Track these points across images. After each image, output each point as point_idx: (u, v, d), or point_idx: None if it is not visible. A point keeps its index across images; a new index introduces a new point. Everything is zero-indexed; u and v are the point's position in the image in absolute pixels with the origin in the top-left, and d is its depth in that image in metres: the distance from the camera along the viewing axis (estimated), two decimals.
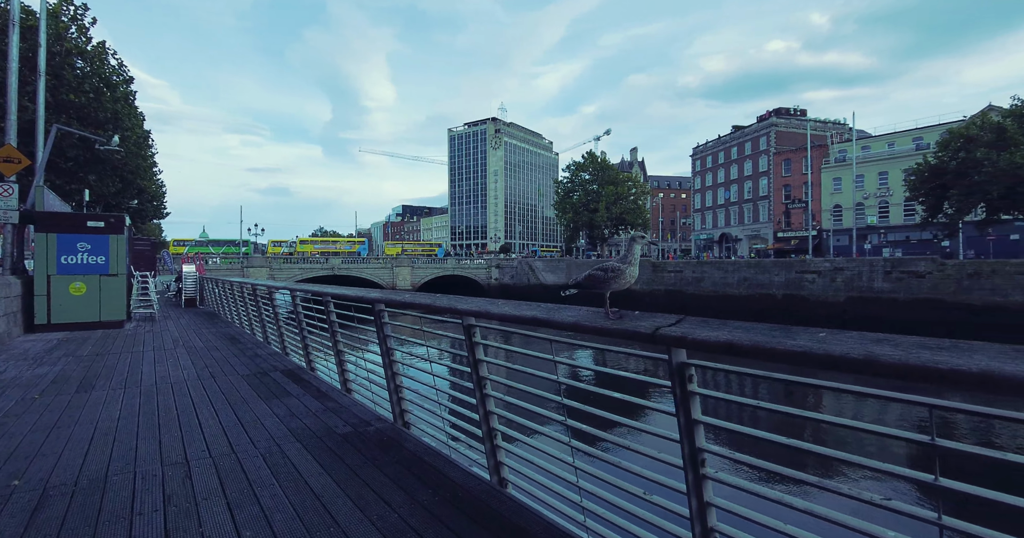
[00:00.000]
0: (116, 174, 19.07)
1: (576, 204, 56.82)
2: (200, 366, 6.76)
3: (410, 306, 3.40)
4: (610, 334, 1.86)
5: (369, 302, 4.04)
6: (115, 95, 17.84)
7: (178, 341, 9.16)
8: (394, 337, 4.10)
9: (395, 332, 4.14)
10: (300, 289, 5.90)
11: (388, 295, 3.88)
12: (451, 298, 3.12)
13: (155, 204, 39.87)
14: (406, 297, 3.64)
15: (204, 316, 13.90)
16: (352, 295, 4.35)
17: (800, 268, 39.39)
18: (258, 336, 9.21)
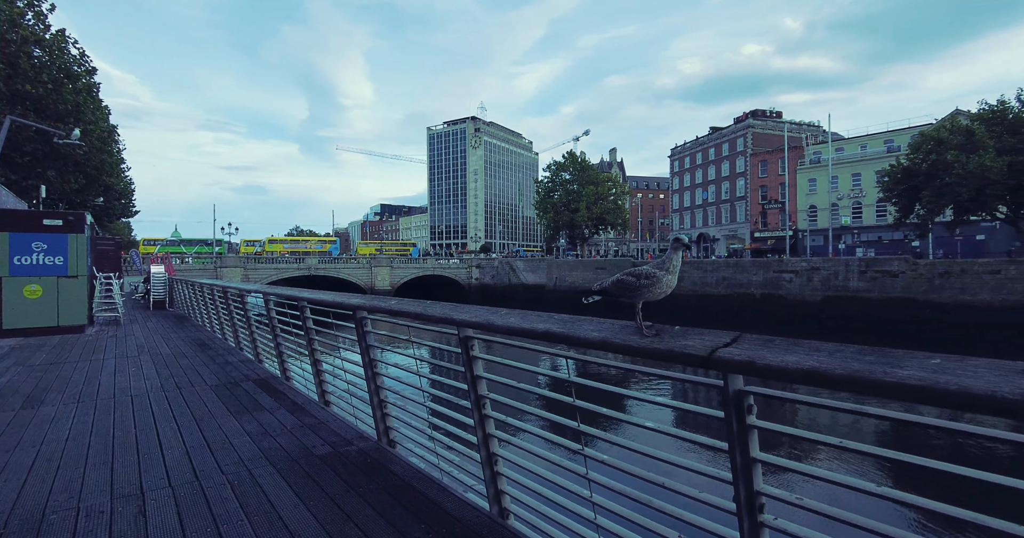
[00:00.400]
0: (79, 170, 18.09)
1: (557, 204, 56.73)
2: (165, 376, 6.27)
3: (398, 314, 3.04)
4: (650, 355, 1.54)
5: (350, 309, 3.67)
6: (76, 86, 16.89)
7: (143, 347, 8.59)
8: (378, 347, 3.73)
9: (379, 341, 3.77)
10: (274, 293, 5.47)
11: (372, 301, 3.51)
12: (445, 306, 2.77)
13: (123, 202, 38.44)
14: (392, 303, 3.27)
15: (173, 319, 13.24)
16: (331, 301, 3.96)
17: (778, 268, 39.92)
18: (230, 341, 8.70)
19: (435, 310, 2.67)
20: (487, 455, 2.62)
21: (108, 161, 23.10)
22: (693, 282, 44.27)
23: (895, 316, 32.50)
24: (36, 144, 15.34)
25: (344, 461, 3.41)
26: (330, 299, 3.94)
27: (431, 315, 2.65)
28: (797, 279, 38.71)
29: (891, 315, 32.72)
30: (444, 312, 2.59)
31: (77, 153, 16.84)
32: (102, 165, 20.82)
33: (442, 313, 2.58)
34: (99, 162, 19.24)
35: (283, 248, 63.56)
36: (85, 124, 16.97)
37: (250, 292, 6.60)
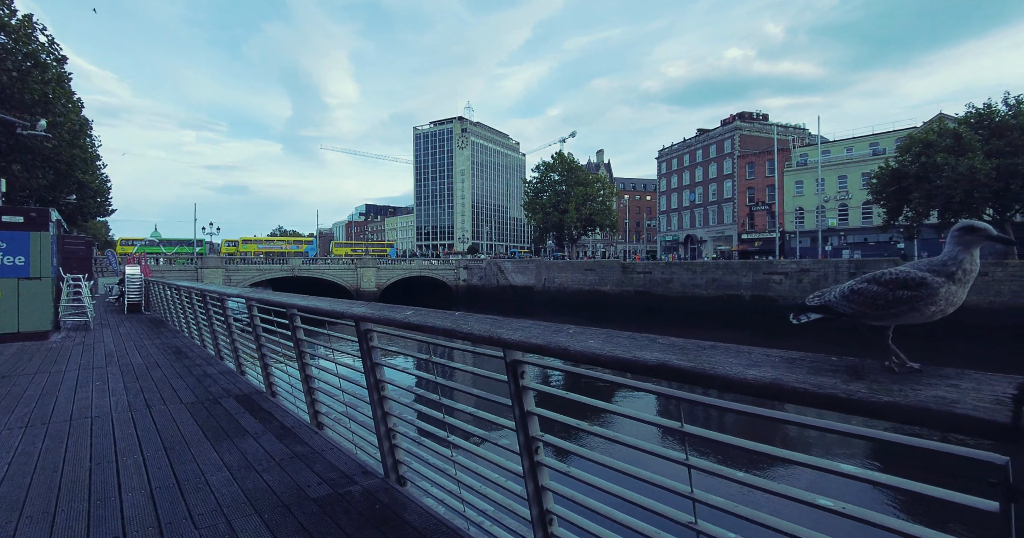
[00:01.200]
0: (47, 165, 17.03)
1: (546, 205, 56.26)
2: (134, 391, 5.55)
3: (420, 328, 2.42)
4: (899, 418, 0.95)
5: (352, 319, 3.03)
6: (45, 76, 15.88)
7: (112, 356, 7.81)
8: (386, 365, 3.11)
9: (387, 358, 3.15)
10: (257, 298, 4.79)
11: (381, 311, 2.89)
12: (484, 320, 2.16)
13: (99, 200, 36.99)
14: (408, 314, 2.66)
15: (149, 324, 12.39)
16: (328, 309, 3.31)
17: (768, 269, 39.91)
18: (209, 349, 7.96)
19: (473, 326, 2.06)
20: (539, 513, 2.02)
21: (81, 157, 21.95)
22: (683, 284, 44.12)
23: None
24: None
25: (346, 506, 2.78)
26: (327, 308, 3.30)
27: (468, 332, 2.03)
28: (787, 281, 38.71)
29: None
30: (486, 329, 1.97)
31: (45, 146, 15.80)
32: (73, 160, 19.69)
33: (484, 331, 1.97)
34: (70, 157, 18.13)
35: (257, 248, 61.71)
36: (54, 116, 15.93)
37: (231, 296, 5.91)
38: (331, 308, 3.35)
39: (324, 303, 3.58)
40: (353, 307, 3.17)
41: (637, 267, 47.35)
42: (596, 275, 49.75)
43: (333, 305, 3.40)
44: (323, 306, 3.50)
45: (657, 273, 45.87)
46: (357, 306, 3.20)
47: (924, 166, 30.85)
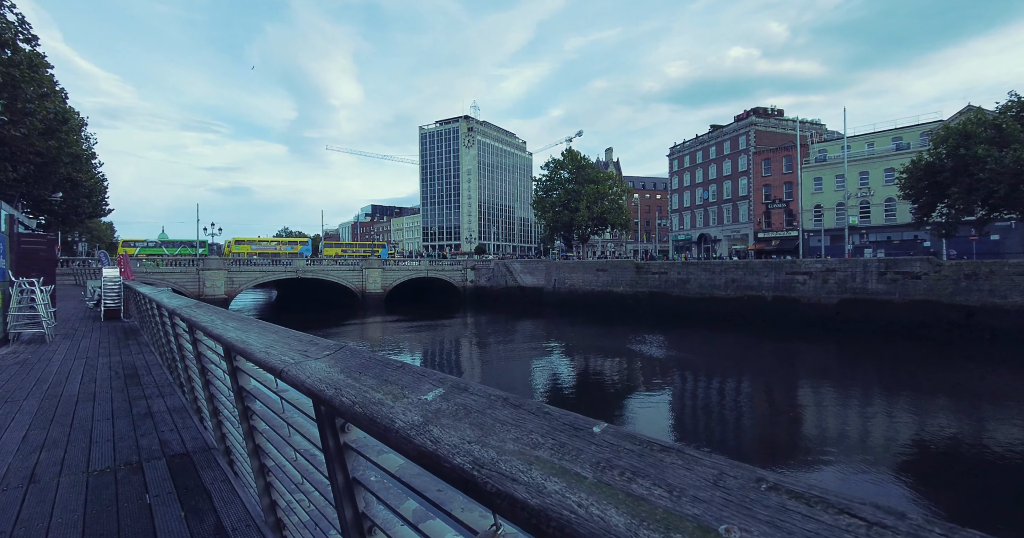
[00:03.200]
0: (20, 158, 15.51)
1: (555, 203, 54.51)
2: (32, 445, 3.93)
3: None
4: None
5: (313, 395, 1.39)
6: (12, 58, 14.34)
7: (45, 382, 6.22)
8: (377, 481, 1.47)
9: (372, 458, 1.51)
10: (198, 322, 3.15)
11: (360, 395, 1.24)
12: None
13: (94, 200, 35.72)
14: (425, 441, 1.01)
15: (120, 334, 10.84)
16: (275, 365, 1.66)
17: (790, 269, 38.06)
18: (168, 375, 6.36)
19: None
20: None
21: (66, 151, 20.48)
22: (700, 285, 42.35)
23: (918, 319, 30.75)
24: None
25: None
26: (276, 362, 1.63)
27: None
28: (811, 281, 36.88)
29: (914, 318, 30.95)
30: None
31: (13, 136, 14.27)
32: (57, 154, 18.17)
33: None
34: (46, 149, 16.60)
35: (250, 249, 59.95)
36: (23, 101, 14.42)
37: (176, 312, 4.27)
38: (282, 365, 1.71)
39: (276, 347, 1.92)
40: (317, 373, 1.54)
41: (652, 267, 45.56)
42: (609, 276, 48.02)
43: (287, 355, 1.76)
44: (270, 356, 1.85)
45: (673, 273, 44.09)
46: (322, 368, 1.56)
47: (963, 159, 28.94)
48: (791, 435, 14.21)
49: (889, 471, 11.22)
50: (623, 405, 17.00)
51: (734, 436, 14.47)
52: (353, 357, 1.35)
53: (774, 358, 26.17)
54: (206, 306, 3.52)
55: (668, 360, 25.23)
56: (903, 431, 14.24)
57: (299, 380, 1.29)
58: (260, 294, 75.15)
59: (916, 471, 11.25)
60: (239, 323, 2.47)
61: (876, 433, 14.18)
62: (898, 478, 10.87)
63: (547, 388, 19.35)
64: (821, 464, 11.58)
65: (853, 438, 13.62)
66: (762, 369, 23.55)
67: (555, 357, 26.50)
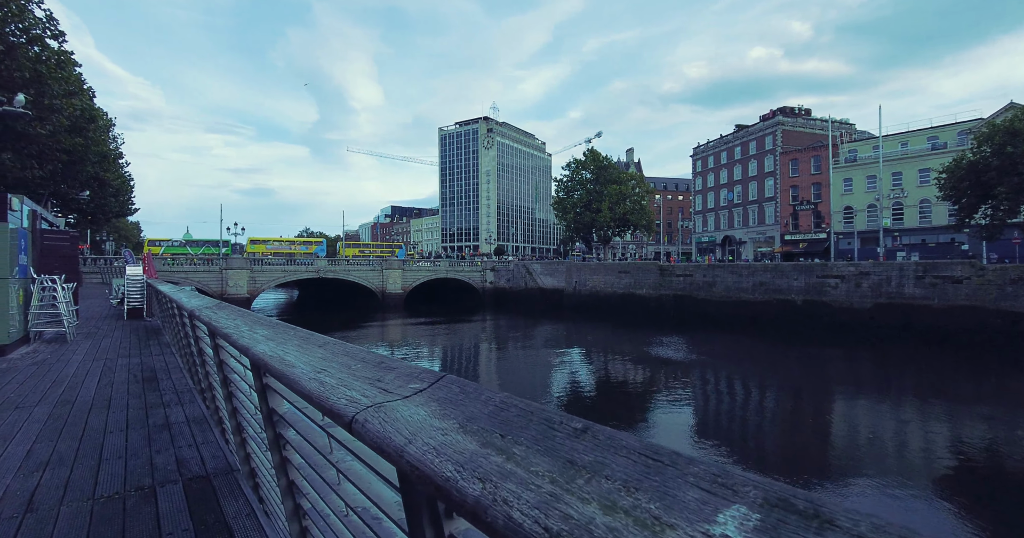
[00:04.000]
0: (46, 155, 15.44)
1: (577, 204, 53.73)
2: (36, 461, 3.49)
3: None
4: None
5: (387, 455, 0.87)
6: (41, 55, 14.26)
7: (60, 385, 5.85)
8: None
9: None
10: (220, 329, 2.67)
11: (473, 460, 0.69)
12: None
13: (120, 199, 36.13)
14: None
15: (142, 334, 10.55)
16: (331, 405, 1.13)
17: (821, 272, 36.85)
18: (188, 379, 5.95)
19: None
20: None
21: (94, 150, 20.51)
22: (727, 287, 41.28)
23: (959, 325, 29.37)
24: None
25: None
26: (338, 402, 1.08)
27: None
28: (844, 284, 35.63)
29: (955, 324, 29.57)
30: None
31: (40, 134, 14.20)
32: (84, 152, 18.13)
33: None
34: (73, 146, 16.53)
35: (266, 248, 60.25)
36: (50, 98, 14.35)
37: (195, 314, 3.81)
38: (336, 407, 1.18)
39: (331, 376, 1.40)
40: (395, 430, 1.00)
41: (676, 269, 44.57)
42: (631, 278, 47.13)
43: (351, 392, 1.24)
44: (326, 389, 1.33)
45: (698, 276, 43.05)
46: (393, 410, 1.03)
47: (1010, 157, 27.54)
48: (821, 447, 13.43)
49: (926, 488, 10.40)
50: (644, 411, 16.38)
51: (760, 446, 13.77)
52: (472, 398, 0.82)
53: (804, 364, 25.17)
54: (229, 308, 3.03)
55: (692, 365, 24.42)
56: (943, 444, 13.33)
57: (387, 442, 0.75)
58: (281, 294, 75.71)
59: (956, 489, 10.40)
60: (270, 330, 1.95)
61: (913, 446, 13.30)
62: (936, 496, 10.06)
63: (566, 393, 18.77)
64: (853, 479, 10.84)
65: (888, 451, 12.78)
66: (791, 375, 22.62)
67: (575, 360, 25.85)
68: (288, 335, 1.78)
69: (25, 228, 9.01)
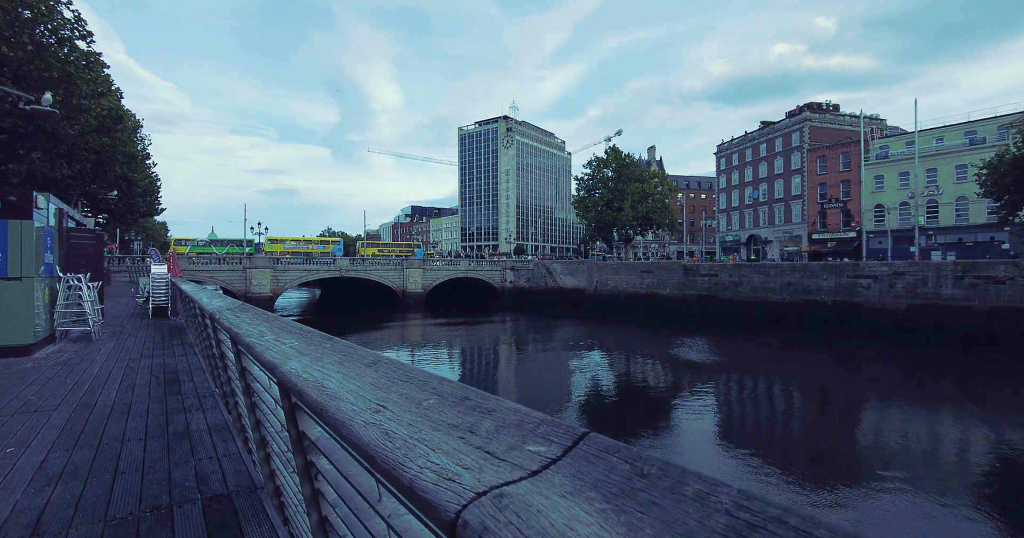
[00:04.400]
0: (75, 154, 15.59)
1: (598, 202, 53.02)
2: (47, 477, 3.24)
3: None
4: None
5: None
6: (69, 55, 14.35)
7: (82, 387, 5.67)
8: None
9: None
10: (243, 338, 2.37)
11: None
12: None
13: (147, 199, 36.71)
14: None
15: (166, 333, 10.46)
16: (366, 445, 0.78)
17: (853, 272, 35.65)
18: (212, 383, 5.72)
19: None
20: None
21: (122, 150, 20.74)
22: (753, 288, 40.27)
23: (1001, 328, 28.10)
24: (15, 119, 12.86)
25: None
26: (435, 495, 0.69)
27: None
28: (876, 285, 34.41)
29: (996, 326, 28.31)
30: None
31: (69, 133, 14.32)
32: (112, 152, 18.30)
33: None
34: (101, 146, 16.68)
35: (283, 247, 60.51)
36: (78, 98, 14.46)
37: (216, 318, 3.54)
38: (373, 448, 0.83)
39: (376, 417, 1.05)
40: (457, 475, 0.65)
41: (701, 269, 43.65)
42: (654, 277, 46.35)
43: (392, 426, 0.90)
44: (373, 433, 0.99)
45: (724, 276, 42.08)
46: None
47: None
48: (852, 453, 12.81)
49: (963, 499, 9.73)
50: (668, 415, 15.87)
51: (788, 451, 13.17)
52: (657, 486, 0.50)
53: (834, 366, 24.30)
54: (252, 310, 2.73)
55: (717, 367, 23.73)
56: (982, 452, 12.56)
57: None
58: (303, 293, 76.48)
59: (994, 501, 9.71)
60: (300, 340, 1.63)
61: (950, 454, 12.57)
62: (973, 508, 9.39)
63: (587, 395, 18.33)
64: (884, 486, 10.26)
65: (923, 459, 12.09)
66: (820, 378, 21.82)
67: (597, 362, 25.35)
68: (324, 347, 1.45)
69: (51, 226, 8.96)
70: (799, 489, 10.12)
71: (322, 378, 1.07)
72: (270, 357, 1.45)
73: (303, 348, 1.46)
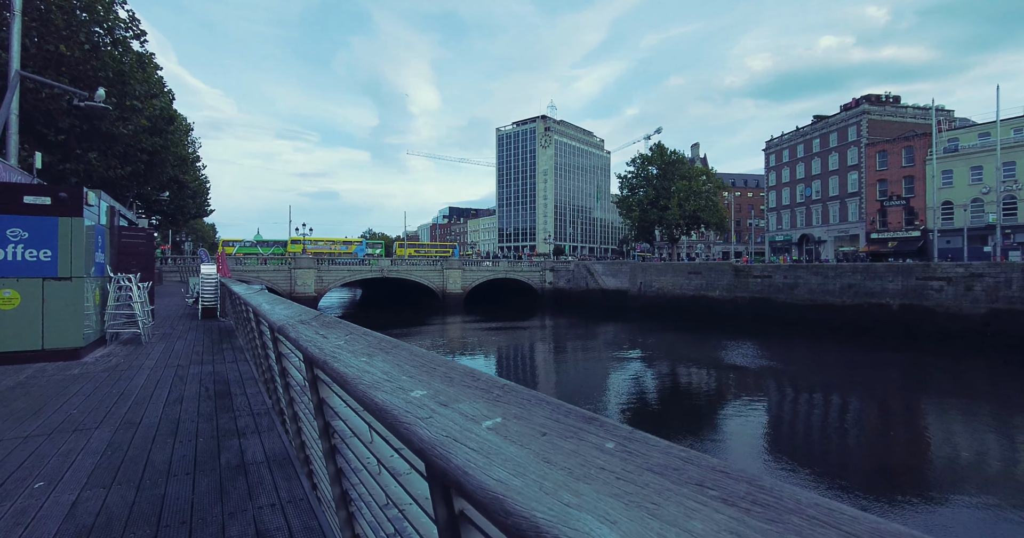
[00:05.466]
0: (133, 156, 15.63)
1: (643, 201, 51.38)
2: (74, 530, 2.60)
3: None
4: None
5: None
6: (123, 54, 14.35)
7: (126, 399, 5.14)
8: None
9: None
10: (310, 350, 1.61)
11: None
12: None
13: (197, 201, 37.56)
14: None
15: (216, 335, 10.07)
16: None
17: (923, 274, 33.14)
18: (265, 396, 5.09)
19: None
20: None
21: (173, 151, 20.95)
22: (810, 290, 38.09)
23: None
24: (73, 119, 12.87)
25: None
26: None
27: None
28: (950, 288, 31.88)
29: None
30: None
31: (123, 133, 14.32)
32: (163, 152, 18.41)
33: None
34: (153, 147, 16.76)
35: (304, 248, 60.05)
36: (132, 98, 14.46)
37: (284, 332, 2.81)
38: None
39: None
40: None
41: (753, 270, 41.64)
42: (703, 279, 44.55)
43: None
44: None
45: (778, 277, 40.00)
46: None
47: None
48: (919, 467, 11.53)
49: None
50: (717, 422, 14.77)
51: (846, 464, 12.00)
52: None
53: (901, 375, 22.45)
54: (339, 325, 1.96)
55: (771, 373, 22.24)
56: None
57: None
58: (345, 292, 77.55)
59: None
60: (423, 370, 0.84)
61: None
62: None
63: (632, 400, 17.34)
64: (957, 508, 9.15)
65: (1002, 475, 10.58)
66: (885, 387, 20.09)
67: (642, 367, 24.16)
68: (476, 385, 0.69)
69: (103, 225, 8.65)
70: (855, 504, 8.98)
71: None
72: (398, 414, 0.68)
73: None
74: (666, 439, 0.60)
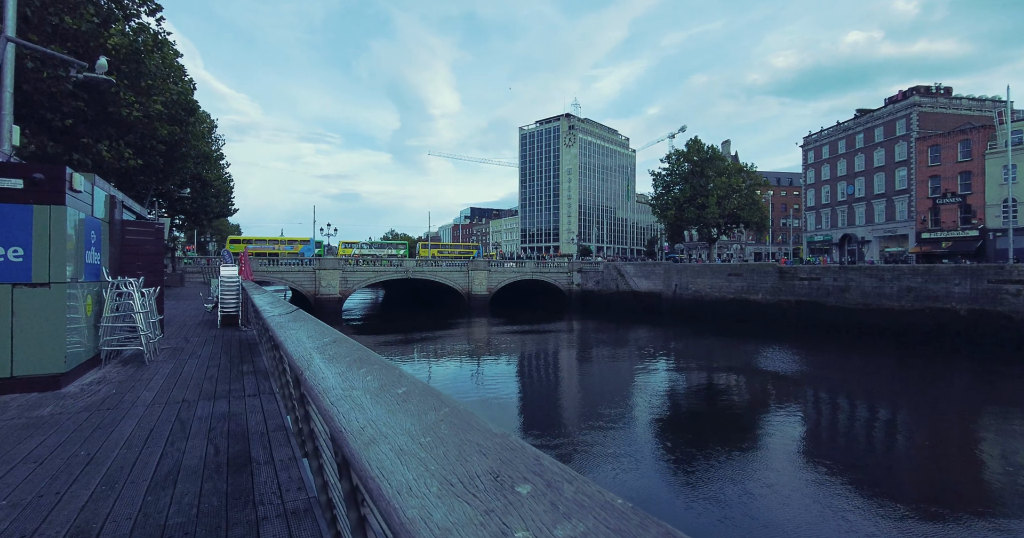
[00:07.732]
0: (150, 147, 14.22)
1: (679, 199, 48.96)
2: None
3: None
4: None
5: None
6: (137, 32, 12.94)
7: (98, 469, 3.44)
8: None
9: None
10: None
11: None
12: None
13: (221, 200, 36.55)
14: None
15: (235, 352, 8.44)
16: None
17: (996, 276, 30.36)
18: (297, 450, 3.34)
19: None
20: None
21: (194, 145, 19.61)
22: (864, 293, 35.44)
23: None
24: (80, 102, 11.46)
25: None
26: None
27: None
28: None
29: None
30: None
31: (136, 116, 12.86)
32: (176, 141, 16.92)
33: None
34: (171, 136, 15.32)
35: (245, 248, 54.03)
36: (145, 79, 13.04)
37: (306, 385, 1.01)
38: None
39: None
40: None
41: (800, 272, 39.06)
42: (744, 281, 42.10)
43: None
44: None
45: (828, 279, 37.39)
46: None
47: None
48: (984, 491, 9.94)
49: None
50: (757, 438, 12.98)
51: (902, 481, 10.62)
52: None
53: (971, 387, 20.14)
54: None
55: (822, 383, 20.19)
56: None
57: None
58: (368, 294, 76.59)
59: None
60: None
61: None
62: None
63: (664, 407, 15.47)
64: None
65: None
66: (952, 399, 17.87)
67: (676, 373, 22.19)
68: None
69: (98, 217, 7.06)
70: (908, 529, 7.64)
71: None
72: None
73: None
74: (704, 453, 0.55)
